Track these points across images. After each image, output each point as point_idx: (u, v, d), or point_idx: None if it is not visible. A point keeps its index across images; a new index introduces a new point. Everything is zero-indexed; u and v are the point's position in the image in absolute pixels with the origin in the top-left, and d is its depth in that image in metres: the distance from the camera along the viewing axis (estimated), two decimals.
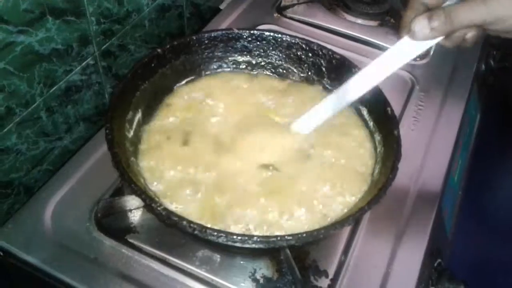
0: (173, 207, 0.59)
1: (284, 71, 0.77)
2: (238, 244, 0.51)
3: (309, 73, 0.75)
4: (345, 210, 0.60)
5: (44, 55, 0.65)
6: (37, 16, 0.62)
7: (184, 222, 0.50)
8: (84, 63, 0.73)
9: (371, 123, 0.69)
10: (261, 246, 0.51)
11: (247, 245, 0.51)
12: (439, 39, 0.56)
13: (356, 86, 0.62)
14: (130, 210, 0.65)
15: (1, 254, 0.63)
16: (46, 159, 0.73)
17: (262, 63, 0.76)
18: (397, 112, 0.69)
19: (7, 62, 0.60)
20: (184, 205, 0.59)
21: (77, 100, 0.75)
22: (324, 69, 0.73)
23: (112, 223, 0.64)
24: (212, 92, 0.73)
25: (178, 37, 0.98)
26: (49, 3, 0.63)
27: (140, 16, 0.82)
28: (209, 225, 0.54)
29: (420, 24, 0.54)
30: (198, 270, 0.62)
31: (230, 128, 0.68)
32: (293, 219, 0.59)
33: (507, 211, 1.10)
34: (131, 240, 0.64)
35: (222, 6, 1.08)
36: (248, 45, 0.75)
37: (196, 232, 0.50)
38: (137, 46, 0.85)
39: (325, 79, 0.74)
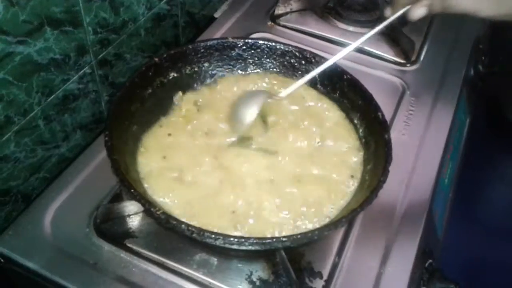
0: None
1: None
2: (235, 246, 0.52)
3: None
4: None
5: (42, 64, 0.66)
6: (35, 27, 0.63)
7: (183, 226, 0.51)
8: (81, 72, 0.74)
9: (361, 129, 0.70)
10: (257, 247, 0.53)
11: (243, 247, 0.52)
12: None
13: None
14: (129, 216, 0.66)
15: (2, 260, 0.64)
16: (43, 167, 0.74)
17: (257, 71, 0.78)
18: (388, 117, 0.71)
19: (6, 72, 0.61)
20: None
21: (74, 108, 0.76)
22: (317, 76, 0.75)
23: (111, 229, 0.65)
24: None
25: (173, 45, 0.99)
26: (47, 14, 0.64)
27: (136, 25, 0.84)
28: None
29: (420, 10, 0.59)
30: (196, 273, 0.63)
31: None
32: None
33: (497, 212, 1.12)
34: (130, 245, 0.65)
35: (216, 15, 1.10)
36: (243, 53, 0.76)
37: (194, 235, 0.51)
38: (133, 55, 0.86)
39: (318, 85, 0.76)
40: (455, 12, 0.57)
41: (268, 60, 0.77)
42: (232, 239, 0.51)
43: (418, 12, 0.59)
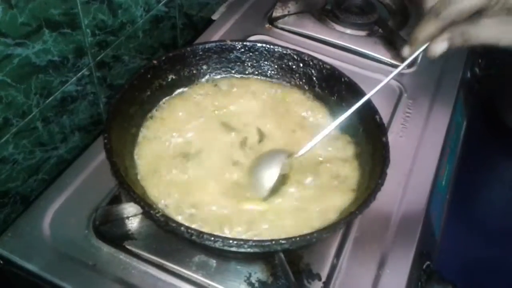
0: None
1: (276, 81, 0.78)
2: (233, 248, 0.52)
3: (300, 83, 0.77)
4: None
5: (40, 66, 0.66)
6: (34, 29, 0.63)
7: (182, 228, 0.51)
8: (79, 74, 0.74)
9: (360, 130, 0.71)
10: (256, 250, 0.53)
11: (242, 249, 0.52)
12: None
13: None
14: (128, 217, 0.66)
15: (1, 262, 0.64)
16: (42, 168, 0.74)
17: (255, 73, 0.78)
18: (385, 119, 0.71)
19: (4, 74, 0.61)
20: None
21: (73, 110, 0.76)
22: (314, 78, 0.75)
23: (110, 230, 0.65)
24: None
25: (171, 47, 0.99)
26: (45, 16, 0.64)
27: (134, 27, 0.84)
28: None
29: (441, 46, 0.58)
30: (195, 275, 0.63)
31: None
32: None
33: (495, 214, 1.12)
34: (129, 247, 0.65)
35: (214, 17, 1.10)
36: (241, 56, 0.76)
37: (193, 237, 0.51)
38: (131, 57, 0.86)
39: (316, 88, 0.76)
40: (477, 43, 0.56)
41: (266, 62, 0.78)
42: (231, 241, 0.52)
43: (439, 47, 0.57)
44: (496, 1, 0.54)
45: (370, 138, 0.67)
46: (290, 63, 0.76)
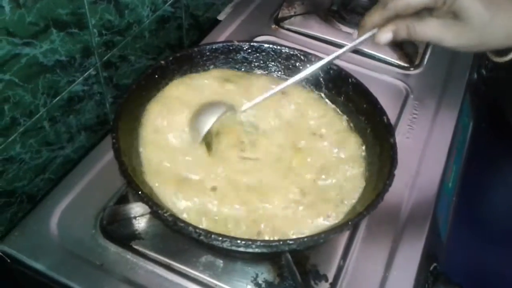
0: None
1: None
2: (241, 249, 0.52)
3: (307, 83, 0.77)
4: None
5: (48, 66, 0.66)
6: (41, 28, 0.63)
7: (190, 228, 0.51)
8: (86, 74, 0.75)
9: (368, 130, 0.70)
10: (263, 250, 0.53)
11: (250, 250, 0.52)
12: None
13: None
14: (135, 217, 0.66)
15: (9, 261, 0.64)
16: (48, 168, 0.74)
17: (262, 74, 0.78)
18: (392, 120, 0.71)
19: (12, 73, 0.61)
20: None
21: (79, 110, 0.76)
22: (321, 79, 0.75)
23: (117, 230, 0.65)
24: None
25: (177, 47, 0.99)
26: (53, 16, 0.64)
27: (141, 27, 0.84)
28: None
29: (386, 35, 0.60)
30: (202, 275, 0.63)
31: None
32: None
33: (501, 216, 1.12)
34: (136, 247, 0.65)
35: (220, 17, 1.10)
36: (248, 56, 0.77)
37: (201, 237, 0.51)
38: (138, 57, 0.86)
39: (323, 88, 0.76)
40: (420, 39, 0.58)
41: (273, 63, 0.78)
42: (239, 241, 0.52)
43: (384, 36, 0.60)
44: (442, 2, 0.55)
45: (377, 139, 0.67)
46: (297, 64, 0.76)
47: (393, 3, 0.58)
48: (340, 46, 1.00)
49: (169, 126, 0.69)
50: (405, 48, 1.00)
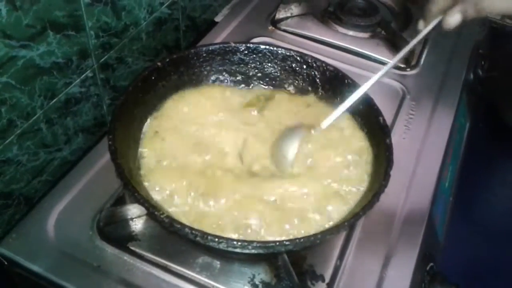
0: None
1: (279, 83, 0.79)
2: (238, 250, 0.53)
3: (304, 84, 0.77)
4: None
5: (45, 68, 0.67)
6: (38, 31, 0.63)
7: (186, 229, 0.51)
8: (83, 76, 0.75)
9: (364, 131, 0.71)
10: (260, 251, 0.53)
11: (246, 251, 0.53)
12: None
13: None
14: (132, 219, 0.66)
15: (6, 263, 0.64)
16: (46, 170, 0.74)
17: (258, 75, 0.78)
18: (388, 121, 0.71)
19: (9, 75, 0.61)
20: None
21: (76, 112, 0.77)
22: (318, 80, 0.76)
23: (114, 232, 0.65)
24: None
25: (174, 49, 0.99)
26: (50, 18, 0.64)
27: (138, 29, 0.84)
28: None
29: (455, 17, 0.58)
30: (199, 276, 0.63)
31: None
32: None
33: (498, 216, 1.12)
34: (133, 248, 0.65)
35: (217, 19, 1.11)
36: (245, 58, 0.77)
37: (197, 238, 0.51)
38: (135, 59, 0.87)
39: (319, 89, 0.76)
40: (490, 14, 0.57)
41: (269, 64, 0.78)
42: (235, 242, 0.52)
43: (453, 19, 0.58)
44: None
45: (373, 139, 0.68)
46: (293, 65, 0.77)
47: None
48: (337, 47, 1.01)
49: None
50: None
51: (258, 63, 0.78)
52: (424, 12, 0.61)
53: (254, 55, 0.77)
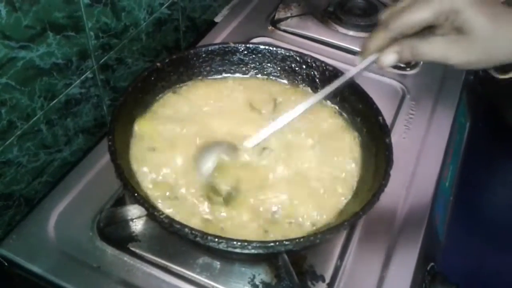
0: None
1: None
2: (237, 250, 0.52)
3: (303, 85, 0.77)
4: None
5: (44, 69, 0.67)
6: (38, 32, 0.63)
7: (186, 229, 0.51)
8: (83, 77, 0.75)
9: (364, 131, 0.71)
10: (260, 251, 0.53)
11: (246, 251, 0.53)
12: None
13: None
14: (132, 219, 0.66)
15: (6, 264, 0.64)
16: (46, 171, 0.74)
17: (258, 75, 0.78)
18: (388, 121, 0.71)
19: (9, 76, 0.61)
20: None
21: (77, 112, 0.76)
22: (317, 80, 0.75)
23: (114, 232, 0.65)
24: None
25: (174, 50, 0.99)
26: (50, 19, 0.64)
27: (137, 30, 0.84)
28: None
29: (390, 57, 0.58)
30: (199, 277, 0.63)
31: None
32: None
33: (498, 215, 1.12)
34: (133, 249, 0.65)
35: (217, 19, 1.11)
36: (244, 58, 0.77)
37: (197, 238, 0.51)
38: (135, 59, 0.87)
39: (318, 89, 0.76)
40: (426, 60, 0.57)
41: (269, 64, 0.78)
42: (235, 242, 0.52)
43: (388, 59, 0.58)
44: (444, 19, 0.54)
45: (373, 139, 0.68)
46: (293, 65, 0.77)
47: (395, 24, 0.56)
48: (336, 47, 1.01)
49: None
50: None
51: (257, 63, 0.78)
52: (361, 47, 0.61)
53: (254, 55, 0.77)
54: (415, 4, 0.56)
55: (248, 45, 0.76)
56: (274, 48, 0.77)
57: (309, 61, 0.75)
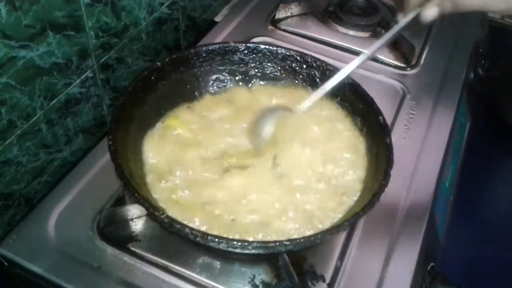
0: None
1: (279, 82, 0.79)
2: (238, 250, 0.52)
3: (304, 84, 0.77)
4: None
5: (44, 69, 0.67)
6: (38, 31, 0.63)
7: (187, 229, 0.51)
8: (83, 76, 0.75)
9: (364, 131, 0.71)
10: (260, 251, 0.53)
11: (246, 251, 0.52)
12: None
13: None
14: (132, 219, 0.66)
15: (6, 264, 0.64)
16: (46, 170, 0.74)
17: (258, 75, 0.78)
18: (389, 120, 0.71)
19: (9, 76, 0.61)
20: None
21: (77, 112, 0.76)
22: (318, 80, 0.75)
23: (114, 232, 0.65)
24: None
25: (174, 49, 0.99)
26: (50, 18, 0.64)
27: (138, 29, 0.84)
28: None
29: (432, 11, 0.58)
30: (199, 277, 0.63)
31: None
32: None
33: (499, 215, 1.12)
34: (133, 249, 0.65)
35: (217, 19, 1.11)
36: (245, 57, 0.77)
37: (197, 238, 0.51)
38: (135, 59, 0.87)
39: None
40: (467, 9, 0.57)
41: (269, 64, 0.78)
42: (235, 242, 0.52)
43: (430, 13, 0.58)
44: None
45: (373, 139, 0.67)
46: (293, 65, 0.77)
47: None
48: (337, 47, 1.01)
49: None
50: (402, 48, 1.00)
51: (258, 63, 0.77)
52: (402, 5, 0.61)
53: (254, 55, 0.77)
54: None
55: (248, 45, 0.76)
56: (275, 48, 0.77)
57: (309, 60, 0.75)
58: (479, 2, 0.56)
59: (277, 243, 0.53)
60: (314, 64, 0.75)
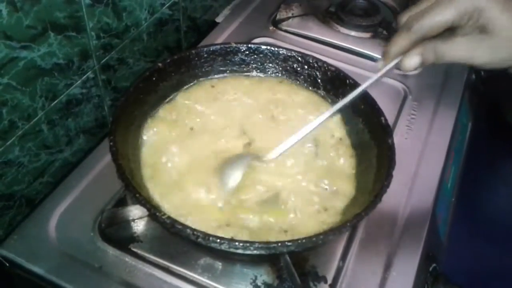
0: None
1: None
2: (239, 251, 0.52)
3: (305, 85, 0.77)
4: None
5: (46, 69, 0.66)
6: (39, 32, 0.63)
7: (188, 230, 0.51)
8: (84, 77, 0.75)
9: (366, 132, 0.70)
10: (262, 252, 0.53)
11: (248, 252, 0.52)
12: None
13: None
14: (134, 220, 0.66)
15: (7, 264, 0.64)
16: (47, 171, 0.74)
17: (260, 75, 0.78)
18: (390, 121, 0.71)
19: (10, 77, 0.61)
20: None
21: (78, 113, 0.76)
22: (319, 80, 0.75)
23: (116, 233, 0.65)
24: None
25: (175, 50, 0.99)
26: (51, 19, 0.64)
27: (139, 30, 0.84)
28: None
29: (414, 60, 0.57)
30: (201, 278, 0.63)
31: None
32: None
33: (501, 216, 1.12)
34: (134, 249, 0.65)
35: (218, 20, 1.10)
36: (246, 58, 0.77)
37: (199, 239, 0.51)
38: (136, 60, 0.87)
39: (320, 90, 0.76)
40: (450, 60, 0.56)
41: (270, 65, 0.78)
42: (237, 243, 0.52)
43: (412, 62, 0.57)
44: (468, 18, 0.54)
45: (375, 140, 0.67)
46: (295, 65, 0.77)
47: (418, 26, 0.56)
48: (338, 47, 1.01)
49: None
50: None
51: (259, 64, 0.77)
52: (383, 52, 0.61)
53: (255, 56, 0.77)
54: (438, 4, 0.55)
55: (250, 45, 0.76)
56: (276, 49, 0.76)
57: (311, 61, 0.75)
58: (462, 54, 0.55)
59: (279, 244, 0.52)
60: (316, 65, 0.75)
